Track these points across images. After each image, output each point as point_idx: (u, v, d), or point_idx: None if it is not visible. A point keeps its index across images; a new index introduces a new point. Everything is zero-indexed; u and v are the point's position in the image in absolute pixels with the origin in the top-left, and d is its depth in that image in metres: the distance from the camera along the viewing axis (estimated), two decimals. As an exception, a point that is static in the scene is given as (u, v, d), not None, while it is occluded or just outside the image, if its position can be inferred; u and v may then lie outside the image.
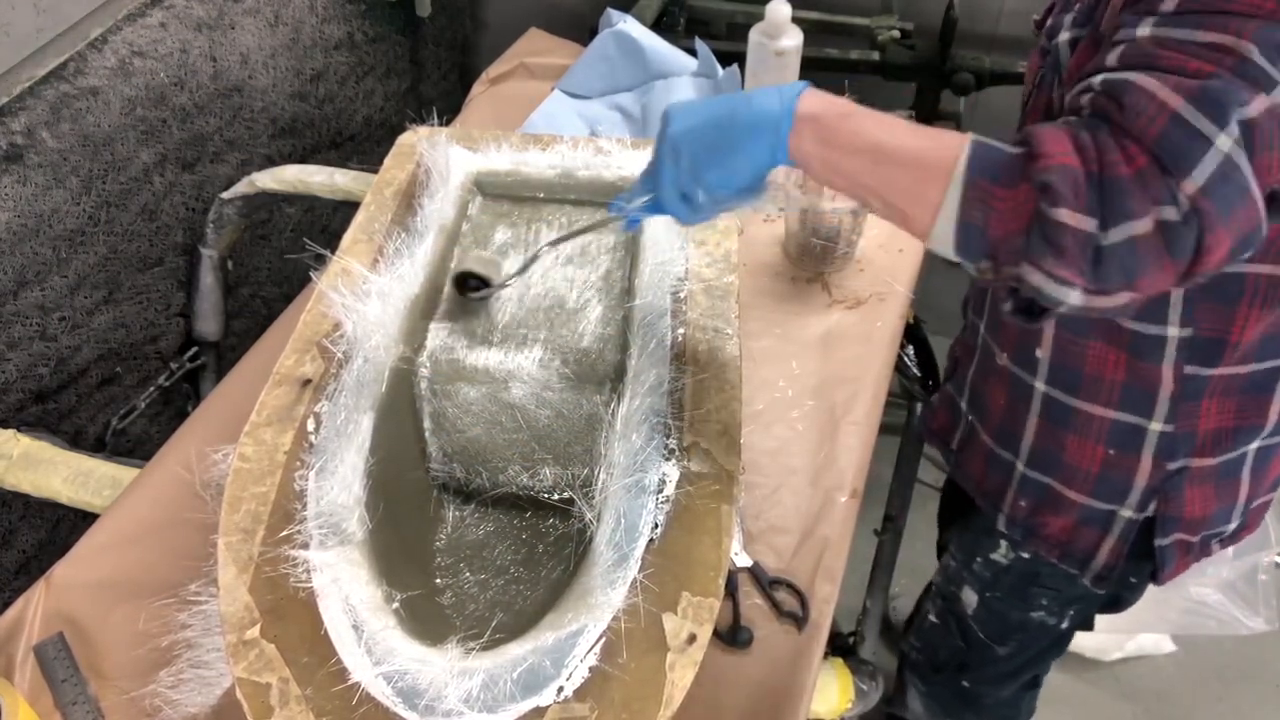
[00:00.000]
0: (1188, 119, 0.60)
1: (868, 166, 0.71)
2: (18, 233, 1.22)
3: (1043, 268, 0.64)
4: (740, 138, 0.75)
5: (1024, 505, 1.04)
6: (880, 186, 0.71)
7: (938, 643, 1.32)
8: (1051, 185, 0.62)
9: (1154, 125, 0.61)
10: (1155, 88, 0.62)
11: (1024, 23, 0.93)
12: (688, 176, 0.77)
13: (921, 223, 0.69)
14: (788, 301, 1.27)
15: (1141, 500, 0.96)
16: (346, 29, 1.73)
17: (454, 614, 0.91)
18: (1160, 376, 0.88)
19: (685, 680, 0.71)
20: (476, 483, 1.02)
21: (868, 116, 0.72)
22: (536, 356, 0.97)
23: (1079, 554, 1.02)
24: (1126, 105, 0.62)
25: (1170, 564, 0.99)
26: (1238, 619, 1.65)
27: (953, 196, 0.66)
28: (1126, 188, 0.61)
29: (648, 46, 1.57)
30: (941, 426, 1.17)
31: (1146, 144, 0.61)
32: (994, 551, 1.12)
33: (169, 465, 1.07)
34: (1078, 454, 0.96)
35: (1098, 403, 0.92)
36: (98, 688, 0.90)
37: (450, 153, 1.14)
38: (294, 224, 1.73)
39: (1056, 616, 1.14)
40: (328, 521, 0.80)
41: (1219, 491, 0.95)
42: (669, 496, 0.81)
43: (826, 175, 0.74)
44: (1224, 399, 0.89)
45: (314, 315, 0.97)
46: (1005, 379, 1.00)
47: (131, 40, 1.33)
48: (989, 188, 0.65)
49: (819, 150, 0.73)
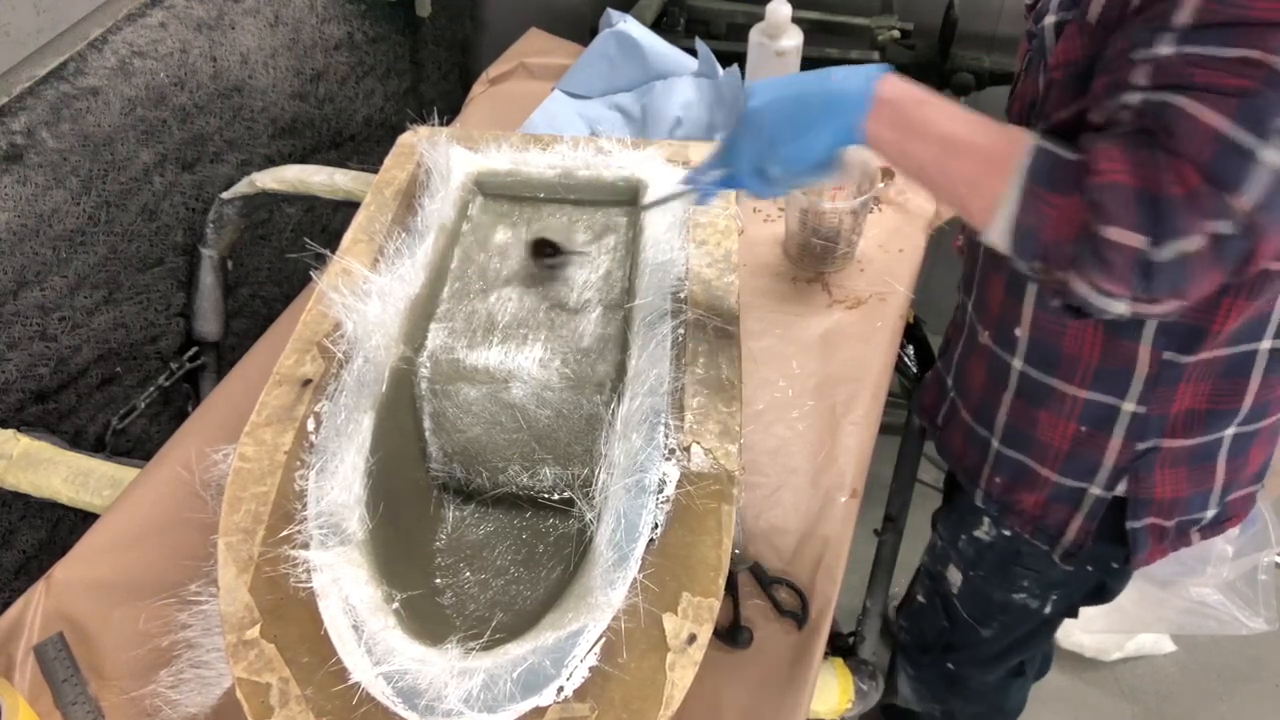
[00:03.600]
0: (1233, 138, 0.62)
1: (937, 156, 0.74)
2: (18, 233, 1.22)
3: (1090, 280, 0.67)
4: (818, 116, 0.77)
5: (999, 481, 1.06)
6: (946, 177, 0.74)
7: (925, 623, 1.33)
8: (1102, 203, 0.65)
9: (1204, 149, 0.63)
10: (1197, 110, 0.63)
11: (1023, 22, 0.93)
12: (766, 151, 0.80)
13: (983, 216, 0.72)
14: (788, 301, 1.27)
15: (1110, 479, 0.96)
16: (346, 29, 1.73)
17: (454, 614, 0.91)
18: (1136, 358, 0.88)
19: (685, 680, 0.71)
20: (476, 483, 1.02)
21: (941, 106, 0.75)
22: (537, 356, 0.97)
23: (1050, 530, 1.03)
24: (1174, 130, 0.64)
25: (1143, 548, 0.99)
26: (1238, 619, 1.65)
27: (1011, 195, 0.69)
28: (1178, 207, 0.63)
29: (648, 46, 1.57)
30: (930, 404, 1.18)
31: (1199, 165, 0.63)
32: (977, 529, 1.13)
33: (169, 465, 1.07)
34: (1050, 431, 0.97)
35: (1073, 382, 0.93)
36: (98, 688, 0.90)
37: (450, 153, 1.14)
38: (294, 224, 1.73)
39: (1039, 600, 1.15)
40: (328, 521, 0.80)
41: (1192, 475, 0.95)
42: (669, 496, 0.81)
43: (896, 159, 0.77)
44: (1200, 383, 0.89)
45: (314, 315, 0.97)
46: (985, 357, 1.01)
47: (131, 40, 1.33)
48: (1045, 194, 0.68)
49: (892, 135, 0.76)
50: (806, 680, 0.92)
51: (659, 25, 1.76)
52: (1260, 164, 0.62)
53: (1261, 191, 0.62)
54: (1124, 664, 1.91)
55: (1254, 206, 0.62)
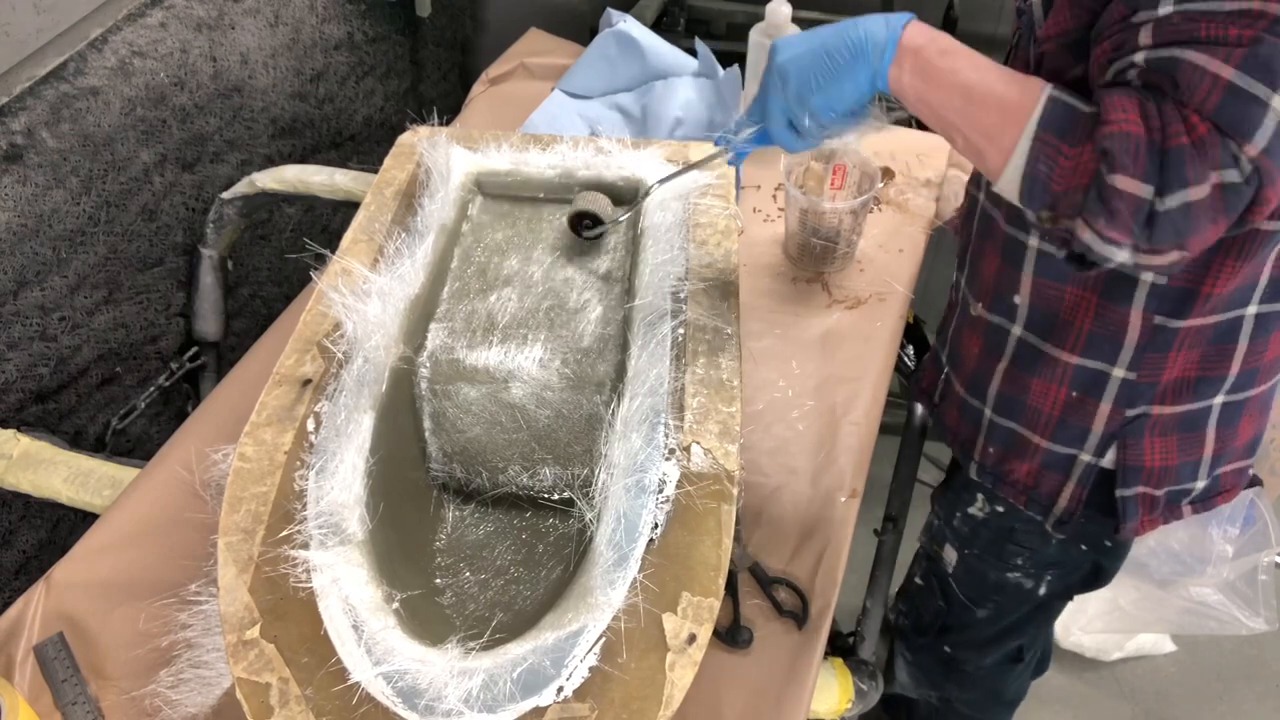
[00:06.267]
0: (1242, 87, 0.63)
1: (957, 104, 0.75)
2: (18, 233, 1.22)
3: (1094, 227, 0.68)
4: (845, 64, 0.79)
5: (992, 452, 1.06)
6: (965, 124, 0.75)
7: (921, 605, 1.34)
8: (1112, 151, 0.65)
9: (1211, 97, 0.64)
10: (1205, 61, 0.64)
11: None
12: (795, 102, 0.82)
13: (996, 164, 0.74)
14: (788, 301, 1.27)
15: (1100, 445, 0.97)
16: (346, 29, 1.73)
17: (454, 614, 0.91)
18: (1128, 322, 0.89)
19: (685, 680, 0.71)
20: (476, 483, 1.02)
21: (965, 55, 0.76)
22: (537, 356, 0.97)
23: (1043, 499, 1.04)
24: (1180, 82, 0.65)
25: (1133, 517, 1.00)
26: (1238, 619, 1.65)
27: (1023, 145, 0.71)
28: (1186, 157, 0.64)
29: (648, 46, 1.57)
30: (927, 383, 1.19)
31: (1206, 114, 0.64)
32: (971, 505, 1.14)
33: (169, 465, 1.07)
34: (1041, 398, 0.98)
35: (1064, 348, 0.94)
36: (98, 688, 0.90)
37: (450, 153, 1.14)
38: (294, 224, 1.73)
39: (1033, 579, 1.15)
40: (328, 521, 0.80)
41: (1181, 443, 0.96)
42: (669, 496, 0.81)
43: (918, 106, 0.79)
44: (1190, 350, 0.90)
45: (314, 315, 0.97)
46: (980, 328, 1.02)
47: (131, 40, 1.33)
48: (1056, 143, 0.69)
49: (915, 82, 0.77)
50: (806, 680, 0.92)
51: (659, 25, 1.76)
52: (1271, 109, 0.63)
53: (1269, 137, 0.63)
54: (1124, 664, 1.91)
55: (1260, 152, 0.64)
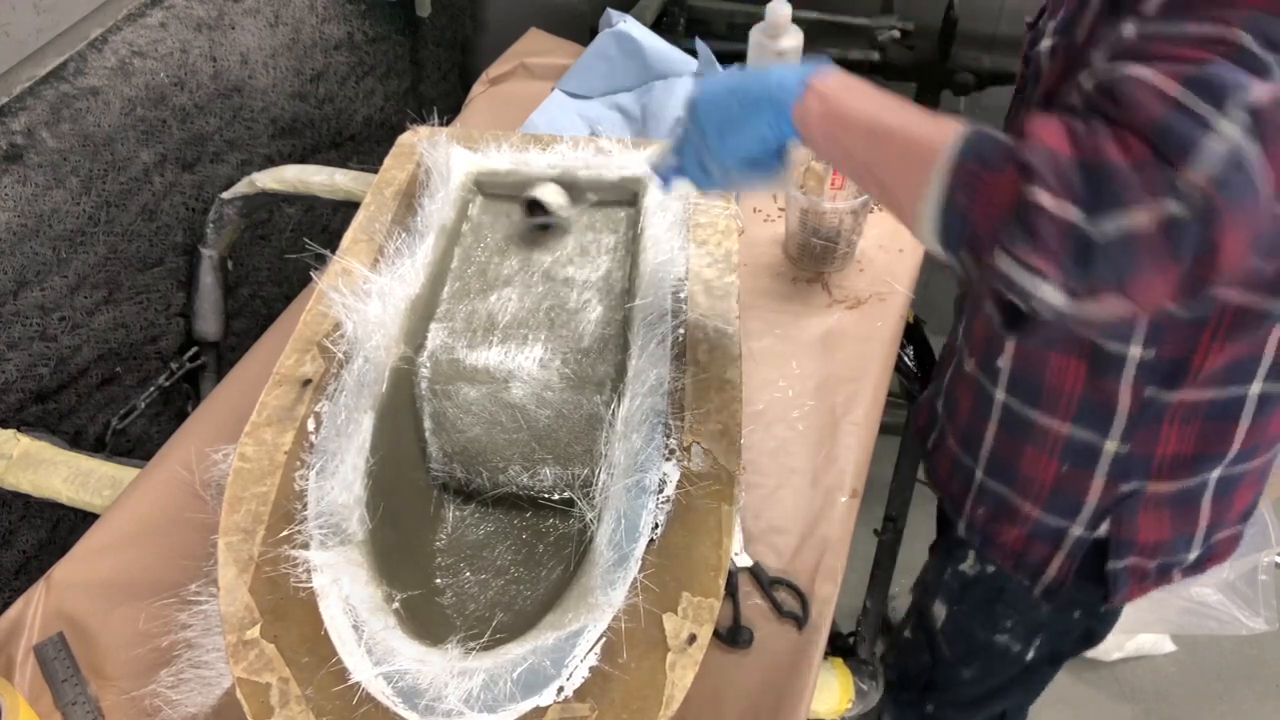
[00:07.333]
0: (1185, 104, 0.55)
1: (864, 142, 0.70)
2: (18, 233, 1.22)
3: (1013, 252, 0.58)
4: (752, 109, 0.76)
5: (981, 513, 1.03)
6: (876, 162, 0.70)
7: (909, 658, 1.31)
8: (1032, 165, 0.57)
9: (1152, 114, 0.55)
10: (1150, 76, 0.57)
11: (1023, 23, 0.93)
12: (702, 145, 0.79)
13: (909, 201, 0.66)
14: (788, 301, 1.27)
15: (1092, 519, 0.94)
16: (346, 29, 1.73)
17: (454, 614, 0.91)
18: (1119, 395, 0.85)
19: (685, 680, 0.71)
20: (476, 483, 1.02)
21: (875, 96, 0.71)
22: (537, 356, 0.97)
23: (1031, 566, 1.01)
24: (1122, 98, 0.57)
25: (1123, 587, 0.97)
26: (1238, 619, 1.65)
27: (938, 178, 0.63)
28: (1120, 175, 0.55)
29: (648, 46, 1.57)
30: (922, 427, 1.17)
31: (1145, 133, 0.55)
32: (962, 562, 1.11)
33: (169, 465, 1.07)
34: (1033, 467, 0.95)
35: (1055, 416, 0.90)
36: (98, 688, 0.90)
37: (450, 153, 1.14)
38: (294, 224, 1.73)
39: (1022, 643, 1.12)
40: (328, 521, 0.80)
41: (1175, 518, 0.93)
42: (669, 496, 0.81)
43: (829, 148, 0.74)
44: (1185, 425, 0.85)
45: (314, 315, 0.97)
46: (971, 385, 0.99)
47: (131, 40, 1.33)
48: (977, 170, 0.61)
49: (821, 124, 0.72)
50: (806, 680, 0.92)
51: (659, 25, 1.76)
52: (1215, 134, 0.54)
53: (1217, 166, 0.53)
54: (1124, 664, 1.91)
55: (1207, 181, 0.53)
